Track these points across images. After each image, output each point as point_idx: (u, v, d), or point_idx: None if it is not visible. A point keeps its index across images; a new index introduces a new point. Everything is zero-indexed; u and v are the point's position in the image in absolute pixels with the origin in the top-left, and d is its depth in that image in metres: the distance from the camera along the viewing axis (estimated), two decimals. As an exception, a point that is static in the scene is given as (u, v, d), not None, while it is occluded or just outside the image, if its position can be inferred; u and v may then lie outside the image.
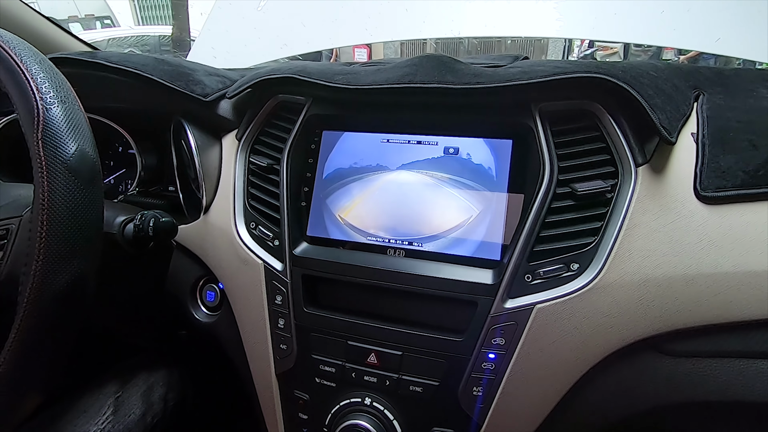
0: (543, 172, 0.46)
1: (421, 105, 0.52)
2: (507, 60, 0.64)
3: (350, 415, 0.51)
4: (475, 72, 0.49)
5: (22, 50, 0.40)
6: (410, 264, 0.50)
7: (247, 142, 0.60)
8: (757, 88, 0.51)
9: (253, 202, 0.58)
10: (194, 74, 0.64)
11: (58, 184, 0.36)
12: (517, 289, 0.46)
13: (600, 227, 0.45)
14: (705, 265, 0.42)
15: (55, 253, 0.36)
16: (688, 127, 0.47)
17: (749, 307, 0.41)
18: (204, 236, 0.62)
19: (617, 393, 0.47)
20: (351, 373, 0.52)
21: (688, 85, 0.52)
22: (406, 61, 0.53)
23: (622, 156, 0.45)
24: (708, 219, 0.42)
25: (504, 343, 0.46)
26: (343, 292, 0.54)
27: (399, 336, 0.50)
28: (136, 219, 0.53)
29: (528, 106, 0.47)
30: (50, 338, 0.38)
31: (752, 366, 0.43)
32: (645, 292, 0.43)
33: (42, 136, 0.37)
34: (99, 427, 0.59)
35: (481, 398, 0.47)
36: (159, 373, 0.70)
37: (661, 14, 0.85)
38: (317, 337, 0.53)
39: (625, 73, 0.44)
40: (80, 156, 0.38)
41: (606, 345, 0.45)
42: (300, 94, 0.56)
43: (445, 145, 0.52)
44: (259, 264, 0.55)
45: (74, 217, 0.37)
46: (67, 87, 0.41)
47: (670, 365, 0.45)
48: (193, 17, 3.90)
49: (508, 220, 0.48)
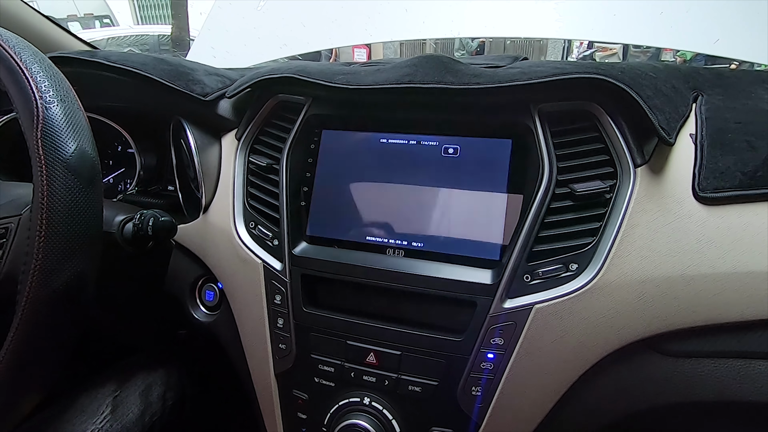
0: (542, 172, 0.46)
1: (421, 105, 0.52)
2: (506, 60, 0.64)
3: (349, 414, 0.51)
4: (475, 72, 0.49)
5: (21, 49, 0.40)
6: (409, 264, 0.50)
7: (246, 142, 0.60)
8: (755, 90, 0.52)
9: (252, 201, 0.58)
10: (194, 74, 0.64)
11: (57, 183, 0.36)
12: (516, 289, 0.46)
13: (599, 227, 0.45)
14: (703, 266, 0.42)
15: (54, 252, 0.36)
16: (687, 128, 0.47)
17: (747, 307, 0.41)
18: (203, 236, 0.62)
19: (616, 393, 0.47)
20: (350, 373, 0.52)
21: (686, 87, 0.52)
22: (406, 62, 0.53)
23: (621, 156, 0.45)
24: (706, 220, 0.42)
25: (503, 343, 0.46)
26: (342, 291, 0.54)
27: (398, 336, 0.50)
28: (136, 218, 0.53)
29: (527, 106, 0.47)
30: (49, 338, 0.38)
31: (750, 366, 0.43)
32: (643, 293, 0.43)
33: (41, 135, 0.37)
34: (97, 426, 0.58)
35: (480, 398, 0.47)
36: (157, 373, 0.70)
37: (660, 15, 0.85)
38: (316, 336, 0.53)
39: (624, 74, 0.44)
40: (80, 155, 0.38)
41: (605, 345, 0.45)
42: (300, 94, 0.57)
43: (444, 145, 0.52)
44: (259, 263, 0.55)
45: (73, 216, 0.37)
46: (66, 86, 0.41)
47: (669, 365, 0.45)
48: (192, 17, 3.90)
49: (507, 220, 0.48)
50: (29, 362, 0.38)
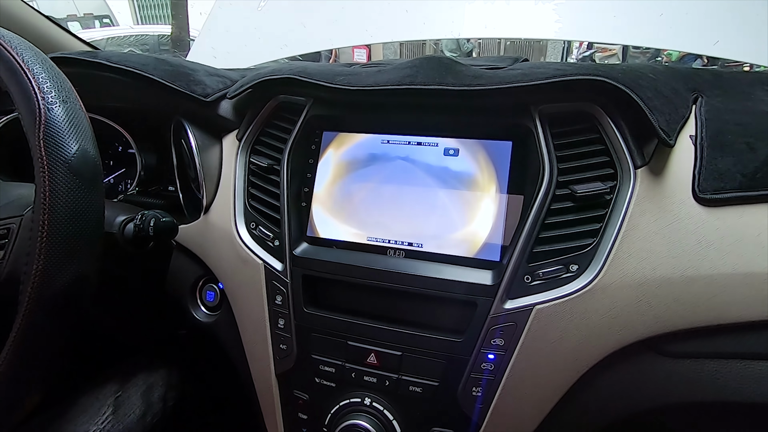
0: (542, 173, 0.46)
1: (422, 106, 0.52)
2: (507, 62, 0.64)
3: (350, 415, 0.51)
4: (475, 74, 0.49)
5: (23, 50, 0.40)
6: (410, 264, 0.50)
7: (247, 143, 0.60)
8: (755, 92, 0.52)
9: (253, 202, 0.58)
10: (195, 74, 0.64)
11: (59, 183, 0.37)
12: (517, 290, 0.46)
13: (599, 229, 0.45)
14: (703, 267, 0.42)
15: (56, 252, 0.36)
16: (687, 129, 0.47)
17: (747, 308, 0.41)
18: (204, 236, 0.62)
19: (615, 394, 0.47)
20: (351, 374, 0.52)
21: (686, 88, 0.52)
22: (407, 63, 0.53)
23: (621, 158, 0.45)
24: (706, 221, 0.42)
25: (503, 343, 0.46)
26: (343, 292, 0.54)
27: (399, 336, 0.50)
28: (137, 219, 0.53)
29: (528, 107, 0.48)
30: (50, 338, 0.38)
31: (749, 367, 0.43)
32: (643, 294, 0.43)
33: (44, 136, 0.37)
34: (99, 427, 0.59)
35: (481, 398, 0.47)
36: (159, 373, 0.70)
37: (660, 17, 0.85)
38: (317, 337, 0.53)
39: (625, 75, 0.45)
40: (82, 156, 0.38)
41: (605, 346, 0.45)
42: (301, 95, 0.57)
43: (445, 146, 0.52)
44: (259, 264, 0.55)
45: (75, 217, 0.37)
46: (68, 87, 0.41)
47: (668, 366, 0.45)
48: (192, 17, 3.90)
49: (508, 221, 0.48)
50: (31, 362, 0.38)
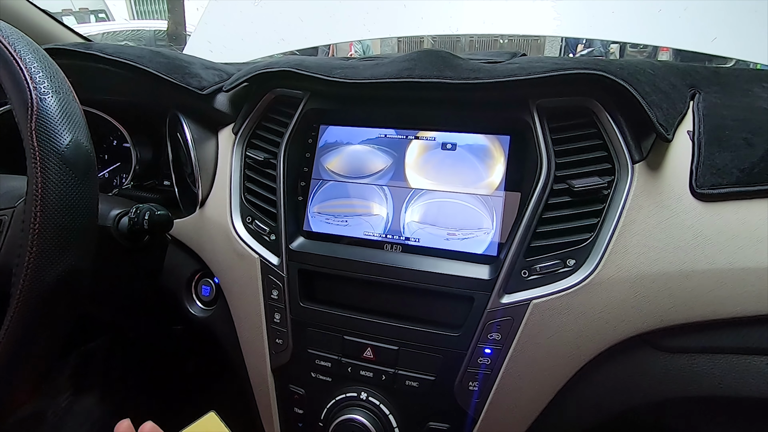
0: (540, 168, 0.46)
1: (419, 100, 0.52)
2: (505, 56, 0.64)
3: (346, 409, 0.51)
4: (474, 67, 0.49)
5: (16, 40, 0.39)
6: (407, 259, 0.50)
7: (243, 136, 0.59)
8: (752, 88, 0.52)
9: (249, 196, 0.57)
10: (191, 67, 0.63)
11: (52, 175, 0.36)
12: (514, 284, 0.46)
13: (596, 223, 0.45)
14: (700, 262, 0.42)
15: (48, 245, 0.36)
16: (685, 124, 0.47)
17: (743, 303, 0.41)
18: (200, 230, 0.61)
19: (612, 388, 0.47)
20: (347, 368, 0.52)
21: (684, 84, 0.52)
22: (405, 56, 0.53)
23: (619, 153, 0.45)
24: (703, 216, 0.42)
25: (500, 338, 0.46)
26: (339, 286, 0.53)
27: (395, 331, 0.50)
28: (131, 212, 0.53)
29: (526, 102, 0.47)
30: (43, 330, 0.37)
31: (746, 362, 0.43)
32: (640, 288, 0.43)
33: (36, 127, 0.36)
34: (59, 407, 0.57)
35: (477, 393, 0.47)
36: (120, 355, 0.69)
37: (657, 13, 0.85)
38: (313, 331, 0.53)
39: (623, 70, 0.44)
40: (75, 147, 0.37)
41: (601, 340, 0.45)
42: (298, 88, 0.56)
43: (442, 140, 0.52)
44: (255, 258, 0.54)
45: (68, 208, 0.37)
46: (61, 77, 0.40)
47: (665, 361, 0.45)
48: (188, 12, 3.87)
49: (505, 215, 0.48)
50: (23, 355, 0.37)
